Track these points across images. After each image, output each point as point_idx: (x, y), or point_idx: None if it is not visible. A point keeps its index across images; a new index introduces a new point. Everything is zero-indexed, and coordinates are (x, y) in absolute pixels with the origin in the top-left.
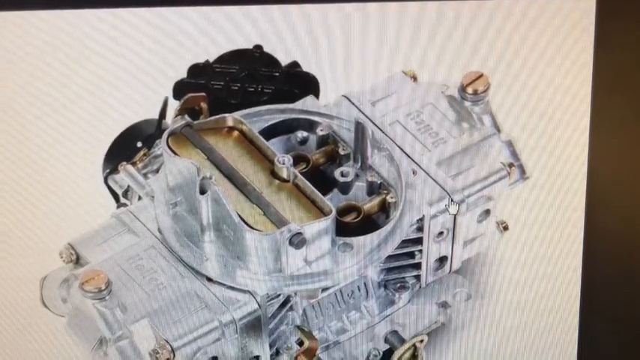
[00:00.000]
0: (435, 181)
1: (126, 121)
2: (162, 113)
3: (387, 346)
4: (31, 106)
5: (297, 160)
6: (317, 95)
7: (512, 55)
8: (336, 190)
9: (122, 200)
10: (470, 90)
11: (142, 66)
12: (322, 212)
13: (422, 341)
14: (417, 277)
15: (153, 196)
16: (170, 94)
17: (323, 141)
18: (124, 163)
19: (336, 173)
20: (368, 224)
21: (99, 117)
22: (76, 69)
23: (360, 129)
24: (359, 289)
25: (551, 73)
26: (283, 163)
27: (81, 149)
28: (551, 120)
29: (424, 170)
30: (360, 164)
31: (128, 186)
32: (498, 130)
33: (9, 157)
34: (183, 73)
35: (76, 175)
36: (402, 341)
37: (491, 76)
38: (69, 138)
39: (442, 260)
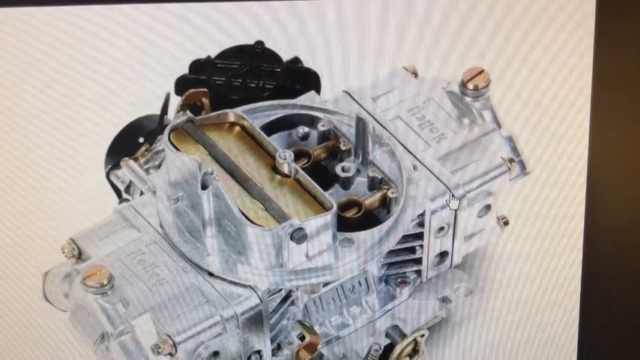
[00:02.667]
0: (435, 176)
1: (128, 116)
2: (164, 109)
3: (388, 341)
4: (34, 101)
5: (299, 155)
6: (318, 91)
7: (512, 51)
8: (337, 186)
9: (124, 195)
10: (470, 86)
11: (143, 62)
12: (323, 207)
13: (423, 336)
14: (418, 272)
15: (155, 192)
16: (172, 89)
17: (324, 136)
18: (126, 158)
19: (338, 168)
20: (369, 219)
21: (101, 113)
22: (79, 65)
23: (361, 124)
24: (360, 284)
25: (551, 68)
26: (284, 159)
27: (83, 145)
28: (552, 115)
29: (425, 166)
30: (361, 159)
31: (130, 181)
32: (499, 126)
33: (11, 153)
34: (184, 69)
35: (78, 171)
36: (403, 336)
37: (492, 72)
38: (71, 134)
39: (443, 255)
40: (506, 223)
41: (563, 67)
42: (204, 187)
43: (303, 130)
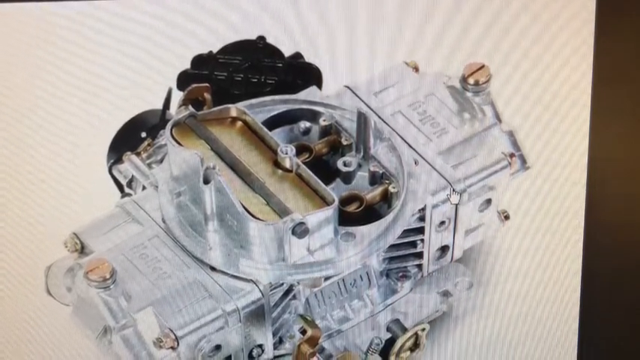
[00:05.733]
0: (436, 170)
1: (130, 111)
2: (166, 104)
3: (389, 335)
4: (36, 97)
5: (300, 150)
6: (320, 86)
7: (513, 46)
8: (338, 180)
9: (126, 190)
10: (471, 81)
11: (146, 57)
12: (325, 202)
13: (424, 330)
14: (419, 266)
15: (157, 186)
16: (174, 84)
17: (325, 131)
18: (129, 153)
19: (339, 163)
20: (370, 214)
21: (103, 107)
22: (81, 60)
23: (362, 119)
24: (361, 278)
25: (552, 64)
26: (286, 153)
27: (85, 139)
28: (552, 110)
29: (426, 160)
30: (362, 154)
31: (132, 176)
32: (499, 121)
33: (14, 148)
34: (187, 64)
35: (80, 165)
36: (404, 330)
37: (493, 67)
38: (73, 128)
39: (444, 249)
40: (506, 218)
41: (563, 63)
42: (206, 181)
43: (304, 124)
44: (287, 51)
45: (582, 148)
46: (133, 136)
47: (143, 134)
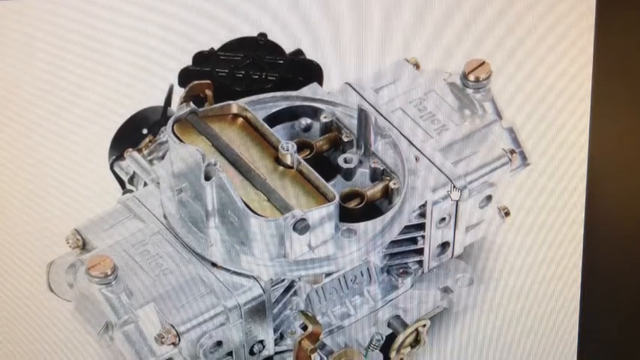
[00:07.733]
0: (437, 167)
1: (132, 108)
2: (168, 100)
3: (390, 331)
4: (38, 93)
5: (301, 146)
6: (321, 83)
7: (513, 42)
8: (339, 177)
9: (128, 186)
10: (472, 77)
11: (147, 53)
12: (326, 198)
13: (424, 326)
14: (420, 263)
15: (158, 183)
16: (175, 81)
17: (326, 128)
18: (130, 149)
19: (340, 160)
20: (371, 210)
21: (105, 104)
22: (83, 57)
23: (363, 116)
24: (362, 275)
25: (552, 60)
26: (287, 150)
27: (87, 136)
28: (552, 106)
29: (426, 157)
30: (363, 151)
31: (134, 172)
32: (500, 117)
33: (16, 144)
34: (188, 61)
35: (82, 162)
36: (405, 326)
37: (493, 63)
38: (75, 125)
39: (444, 246)
40: (507, 214)
41: (564, 59)
42: (207, 178)
43: (305, 121)
44: (288, 48)
45: (582, 142)
46: (135, 133)
47: (144, 131)
